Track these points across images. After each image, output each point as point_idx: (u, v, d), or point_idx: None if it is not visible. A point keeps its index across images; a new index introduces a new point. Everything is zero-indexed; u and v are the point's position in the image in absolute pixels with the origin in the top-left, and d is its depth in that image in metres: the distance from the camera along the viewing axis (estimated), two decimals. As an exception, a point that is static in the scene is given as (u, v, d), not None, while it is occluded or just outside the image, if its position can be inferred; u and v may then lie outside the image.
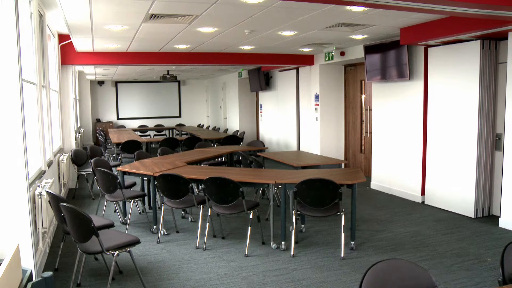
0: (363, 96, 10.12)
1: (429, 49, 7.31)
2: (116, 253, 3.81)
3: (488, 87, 6.53)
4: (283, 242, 5.27)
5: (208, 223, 5.62)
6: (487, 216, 6.70)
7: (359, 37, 7.85)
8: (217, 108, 19.05)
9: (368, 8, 5.43)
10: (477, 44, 6.45)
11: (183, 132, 15.41)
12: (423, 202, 7.58)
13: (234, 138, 11.36)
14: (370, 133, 9.04)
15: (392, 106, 8.22)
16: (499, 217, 6.25)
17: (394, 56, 7.67)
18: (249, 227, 5.22)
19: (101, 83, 18.62)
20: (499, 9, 4.58)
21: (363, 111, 10.16)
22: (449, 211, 6.99)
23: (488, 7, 4.46)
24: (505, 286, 2.21)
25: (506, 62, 6.08)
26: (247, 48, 9.39)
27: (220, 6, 5.35)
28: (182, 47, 9.00)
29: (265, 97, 14.52)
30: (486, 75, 6.49)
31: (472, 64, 6.50)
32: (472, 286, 4.27)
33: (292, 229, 5.19)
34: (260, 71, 13.27)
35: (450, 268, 4.72)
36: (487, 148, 6.61)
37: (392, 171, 8.28)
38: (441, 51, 7.07)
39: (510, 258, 2.38)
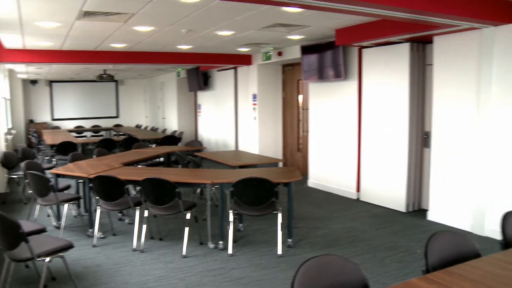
0: (301, 96, 10.29)
1: (363, 50, 7.54)
2: (48, 259, 3.68)
3: (417, 87, 6.83)
4: (221, 242, 5.29)
5: (145, 225, 5.55)
6: (417, 210, 7.00)
7: (296, 37, 7.98)
8: (155, 108, 18.79)
9: (303, 9, 5.53)
10: (406, 46, 6.72)
11: (120, 133, 15.09)
12: (358, 198, 7.81)
13: (172, 138, 11.26)
14: (307, 132, 9.21)
15: (328, 105, 8.41)
16: (428, 210, 6.56)
17: (330, 56, 7.85)
18: (186, 228, 5.19)
19: (34, 82, 17.88)
20: (425, 15, 4.83)
21: (300, 110, 10.34)
22: (382, 207, 7.24)
23: (415, 12, 4.69)
24: (428, 274, 2.32)
25: (432, 64, 6.39)
26: (185, 47, 9.33)
27: (156, 4, 5.29)
28: (118, 46, 8.81)
29: (203, 97, 14.47)
30: (415, 76, 6.79)
31: (402, 65, 6.78)
32: (402, 277, 4.45)
33: (229, 229, 5.21)
34: (199, 70, 13.21)
35: (383, 261, 4.90)
36: (416, 146, 6.92)
37: (329, 169, 8.48)
38: (374, 52, 7.32)
39: (433, 249, 2.51)
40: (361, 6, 4.36)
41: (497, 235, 4.24)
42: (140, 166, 7.51)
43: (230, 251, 5.14)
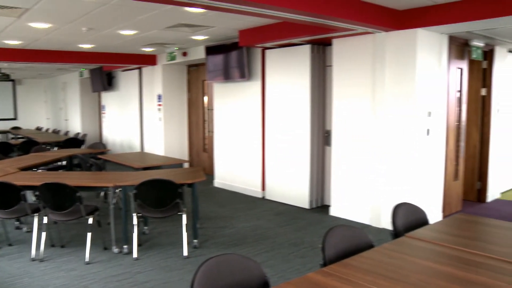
0: (206, 96, 10.29)
1: (266, 51, 7.69)
2: None
3: (318, 88, 7.09)
4: (125, 246, 5.16)
5: (44, 232, 5.27)
6: (321, 207, 7.26)
7: (200, 38, 7.96)
8: (57, 109, 17.89)
9: (206, 10, 5.54)
10: (307, 48, 6.95)
11: (19, 136, 14.19)
12: (263, 197, 7.96)
13: (75, 141, 10.79)
14: (213, 132, 9.23)
15: (232, 105, 8.49)
16: (330, 206, 6.82)
17: (234, 57, 7.92)
18: (89, 233, 5.00)
19: None
20: (324, 18, 5.02)
21: (206, 111, 10.34)
22: (287, 204, 7.43)
23: (315, 15, 4.85)
24: (325, 267, 2.42)
25: (331, 66, 6.66)
26: (86, 46, 8.98)
27: (52, 0, 5.05)
28: (13, 42, 8.30)
29: (108, 98, 14.03)
30: (316, 77, 7.04)
31: (304, 66, 7.00)
32: (305, 271, 4.58)
33: (134, 232, 5.09)
34: (102, 70, 12.78)
35: (287, 257, 5.02)
36: (318, 144, 7.17)
37: (234, 168, 8.56)
38: (276, 53, 7.49)
39: (330, 243, 2.62)
40: (262, 8, 4.44)
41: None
42: (40, 170, 7.12)
43: (135, 254, 5.03)
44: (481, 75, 7.43)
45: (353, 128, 6.39)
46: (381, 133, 6.02)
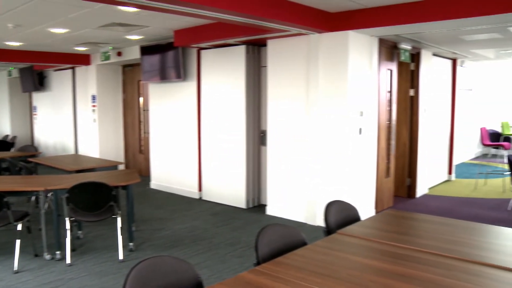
0: (141, 97, 10.13)
1: (202, 51, 7.67)
2: None
3: (253, 88, 7.15)
4: (58, 252, 4.99)
5: (-32, 240, 5.02)
6: (257, 206, 7.33)
7: (135, 37, 7.83)
8: (-18, 110, 17.02)
9: (139, 9, 5.45)
10: (242, 48, 6.99)
11: None
12: (200, 198, 7.93)
13: (4, 144, 10.33)
14: (149, 133, 9.09)
15: (168, 106, 8.40)
16: (267, 205, 6.90)
17: (170, 57, 7.84)
18: (18, 240, 4.80)
19: None
20: (258, 19, 5.06)
21: (141, 111, 10.18)
22: (224, 204, 7.44)
23: (249, 16, 4.88)
24: (258, 266, 2.45)
25: (266, 66, 6.73)
26: (14, 44, 8.59)
27: (-28, -5, 4.82)
28: None
29: (39, 98, 13.49)
30: (251, 77, 7.09)
31: (239, 66, 7.03)
32: (242, 271, 4.56)
33: (67, 237, 4.94)
34: (33, 70, 12.28)
35: (224, 257, 5.03)
36: (254, 144, 7.23)
37: (170, 170, 8.47)
38: (212, 54, 7.48)
39: (263, 241, 2.65)
40: (196, 8, 4.43)
41: (324, 224, 4.61)
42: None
43: (68, 260, 4.88)
44: (409, 77, 7.75)
45: (288, 128, 6.49)
46: (315, 132, 6.15)
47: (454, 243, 2.85)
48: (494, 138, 10.84)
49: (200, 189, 7.95)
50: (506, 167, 7.04)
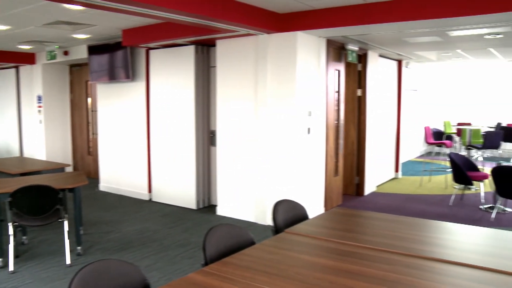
0: (89, 98, 9.91)
1: (150, 51, 7.58)
2: None
3: (202, 88, 7.14)
4: (0, 259, 4.82)
5: None
6: (208, 207, 7.32)
7: (82, 36, 7.64)
8: None
9: (86, 8, 5.33)
10: (191, 49, 6.97)
11: None
12: (150, 199, 7.84)
13: None
14: (97, 134, 8.91)
15: (117, 107, 8.26)
16: (217, 206, 6.90)
17: (118, 57, 7.71)
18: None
19: None
20: (206, 19, 5.06)
21: (90, 112, 9.96)
22: (174, 206, 7.39)
23: (198, 16, 4.87)
24: (205, 267, 2.45)
25: (215, 66, 6.73)
26: (-49, 41, 8.25)
27: None
28: None
29: (-21, 99, 12.96)
30: (200, 78, 7.08)
31: (188, 67, 7.00)
32: (193, 271, 4.58)
33: (10, 243, 4.77)
34: (-29, 69, 11.79)
35: (175, 259, 5.00)
36: (203, 145, 7.22)
37: (120, 171, 8.33)
38: (161, 54, 7.41)
39: (211, 242, 2.66)
40: (144, 7, 4.39)
41: (274, 223, 4.66)
42: None
43: (11, 267, 4.71)
44: (356, 77, 7.93)
45: (237, 128, 6.51)
46: (264, 132, 6.20)
47: (399, 239, 2.95)
48: (438, 137, 11.22)
49: (150, 190, 7.86)
50: (448, 164, 7.32)
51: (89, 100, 9.93)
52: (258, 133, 6.28)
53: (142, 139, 7.84)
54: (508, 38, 6.83)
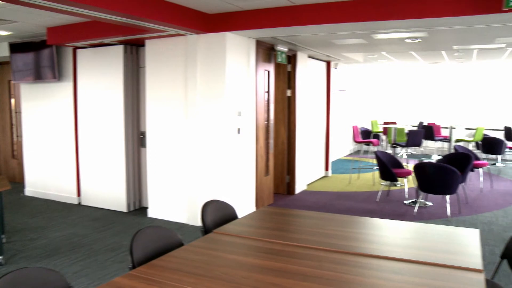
0: (12, 98, 9.47)
1: (78, 50, 7.36)
2: None
3: (132, 89, 7.02)
4: None
5: None
6: (139, 209, 7.21)
7: (3, 33, 7.29)
8: None
9: (5, 2, 5.09)
10: (120, 48, 6.83)
11: None
12: (79, 203, 7.61)
13: None
14: (22, 137, 8.53)
15: (42, 108, 7.95)
16: (148, 208, 6.82)
17: (44, 56, 7.42)
18: None
19: None
20: (134, 19, 4.98)
21: (13, 114, 9.52)
22: (104, 209, 7.22)
23: (124, 15, 4.80)
24: (132, 270, 2.43)
25: (145, 67, 6.64)
26: None
27: None
28: None
29: None
30: (129, 78, 6.96)
31: (117, 67, 6.87)
32: (116, 275, 4.51)
33: None
34: None
35: (104, 263, 4.89)
36: (133, 146, 7.10)
37: (47, 175, 8.02)
38: (89, 53, 7.22)
39: (138, 245, 2.63)
40: (67, 5, 4.26)
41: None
42: None
43: None
44: (286, 78, 8.07)
45: (167, 129, 6.46)
46: (195, 133, 6.19)
47: (326, 236, 3.04)
48: (366, 136, 11.63)
49: (79, 194, 7.63)
50: (376, 162, 7.62)
51: (13, 101, 9.49)
52: (188, 133, 6.25)
53: (70, 141, 7.59)
54: (425, 43, 7.20)
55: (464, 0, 4.59)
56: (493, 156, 12.11)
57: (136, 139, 7.15)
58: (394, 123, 12.41)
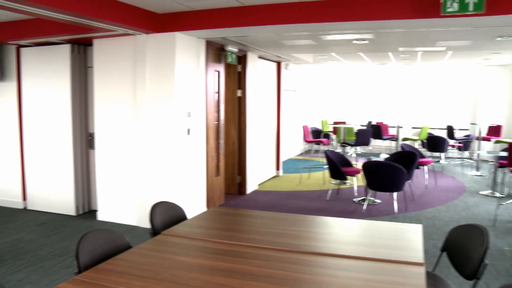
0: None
1: (21, 49, 7.12)
2: None
3: (79, 89, 6.85)
4: None
5: None
6: (88, 212, 7.04)
7: None
8: None
9: None
10: (67, 47, 6.66)
11: None
12: (25, 207, 7.36)
13: None
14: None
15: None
16: (97, 211, 6.68)
17: (-17, 55, 7.15)
18: None
19: None
20: (81, 17, 4.87)
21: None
22: (52, 213, 7.01)
23: (71, 13, 4.68)
24: (78, 275, 2.38)
25: (93, 67, 6.50)
26: None
27: None
28: None
29: None
30: (77, 78, 6.79)
31: (64, 66, 6.69)
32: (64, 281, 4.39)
33: None
34: None
35: (52, 269, 4.76)
36: (82, 148, 6.94)
37: (-10, 178, 7.73)
38: (34, 52, 6.99)
39: (85, 249, 2.58)
40: (9, 0, 4.12)
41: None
42: None
43: None
44: (236, 78, 8.09)
45: (116, 130, 6.35)
46: (144, 134, 6.12)
47: (276, 235, 3.07)
48: (316, 135, 11.80)
49: (24, 198, 7.37)
50: (326, 161, 7.75)
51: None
52: (137, 134, 6.17)
53: (15, 143, 7.32)
54: (372, 44, 7.39)
55: (407, 4, 4.76)
56: (437, 154, 12.56)
57: (85, 141, 6.99)
58: (344, 123, 12.65)
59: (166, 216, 3.35)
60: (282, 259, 2.60)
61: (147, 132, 6.11)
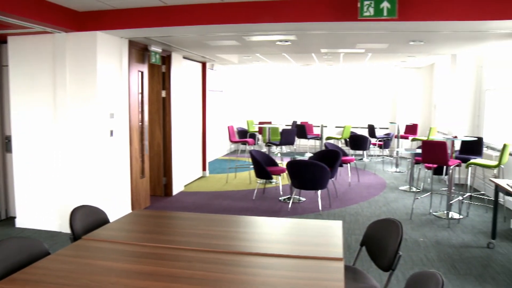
0: None
1: None
2: None
3: (-7, 90, 6.50)
4: None
5: None
6: (6, 219, 6.68)
7: None
8: None
9: None
10: (-23, 45, 6.31)
11: None
12: None
13: None
14: None
15: None
16: (16, 217, 6.36)
17: None
18: None
19: None
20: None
21: None
22: (-37, 220, 6.61)
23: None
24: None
25: (8, 65, 6.19)
26: None
27: None
28: None
29: None
30: (-10, 78, 6.44)
31: (-25, 65, 6.32)
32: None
33: None
34: None
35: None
36: (-3, 151, 6.59)
37: None
38: None
39: (-3, 259, 2.46)
40: None
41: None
42: None
43: None
44: (161, 78, 8.00)
45: (35, 132, 6.09)
46: (64, 136, 5.92)
47: (201, 236, 3.08)
48: (242, 135, 11.87)
49: None
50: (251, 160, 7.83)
51: None
52: (58, 137, 5.95)
53: None
54: (295, 46, 7.56)
55: (327, 7, 4.92)
56: (360, 152, 13.04)
57: (1, 144, 6.63)
58: (270, 123, 12.82)
59: (88, 221, 3.27)
60: (204, 260, 2.61)
61: (68, 134, 5.90)
